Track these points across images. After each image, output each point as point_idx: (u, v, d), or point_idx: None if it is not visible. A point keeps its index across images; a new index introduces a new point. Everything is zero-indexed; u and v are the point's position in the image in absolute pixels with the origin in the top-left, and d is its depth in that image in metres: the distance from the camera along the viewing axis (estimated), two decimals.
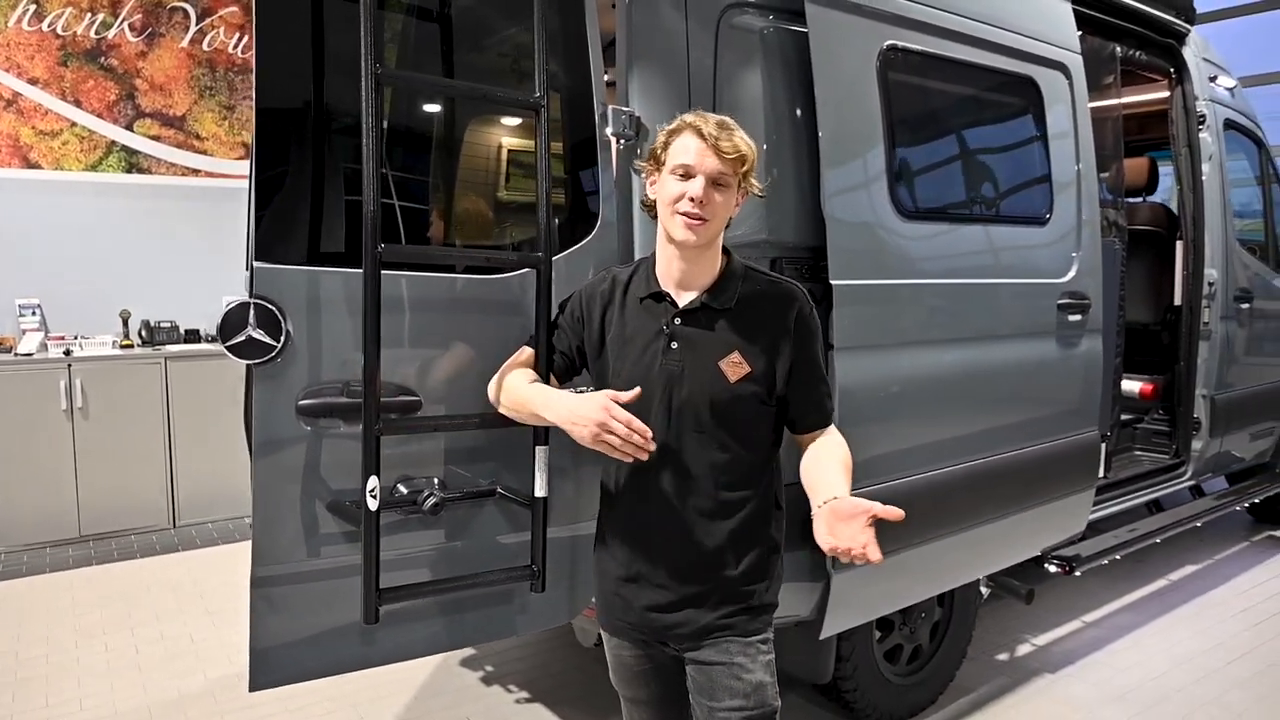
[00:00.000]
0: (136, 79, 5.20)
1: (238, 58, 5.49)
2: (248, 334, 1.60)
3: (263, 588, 1.67)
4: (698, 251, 1.59)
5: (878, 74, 2.45)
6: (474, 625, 1.95)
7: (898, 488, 2.47)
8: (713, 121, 1.53)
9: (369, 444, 1.55)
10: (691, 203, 1.51)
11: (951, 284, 2.62)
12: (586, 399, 1.51)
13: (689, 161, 1.52)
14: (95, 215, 5.14)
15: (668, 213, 1.55)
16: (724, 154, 1.50)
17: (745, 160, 1.53)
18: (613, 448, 1.47)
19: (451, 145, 1.95)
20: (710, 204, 1.52)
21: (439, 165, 1.97)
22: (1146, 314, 4.46)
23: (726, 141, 1.51)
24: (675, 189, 1.53)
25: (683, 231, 1.54)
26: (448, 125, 1.98)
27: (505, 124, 2.03)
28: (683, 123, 1.56)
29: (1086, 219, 3.11)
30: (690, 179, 1.52)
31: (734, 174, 1.53)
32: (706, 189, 1.51)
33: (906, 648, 2.90)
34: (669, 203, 1.54)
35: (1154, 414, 4.40)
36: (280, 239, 1.65)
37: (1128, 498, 3.79)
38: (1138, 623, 3.68)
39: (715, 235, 1.58)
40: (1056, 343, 3.01)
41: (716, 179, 1.52)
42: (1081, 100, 3.14)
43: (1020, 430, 2.88)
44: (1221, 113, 4.17)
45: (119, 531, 4.81)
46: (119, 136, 5.18)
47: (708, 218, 1.52)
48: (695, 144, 1.52)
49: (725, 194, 1.54)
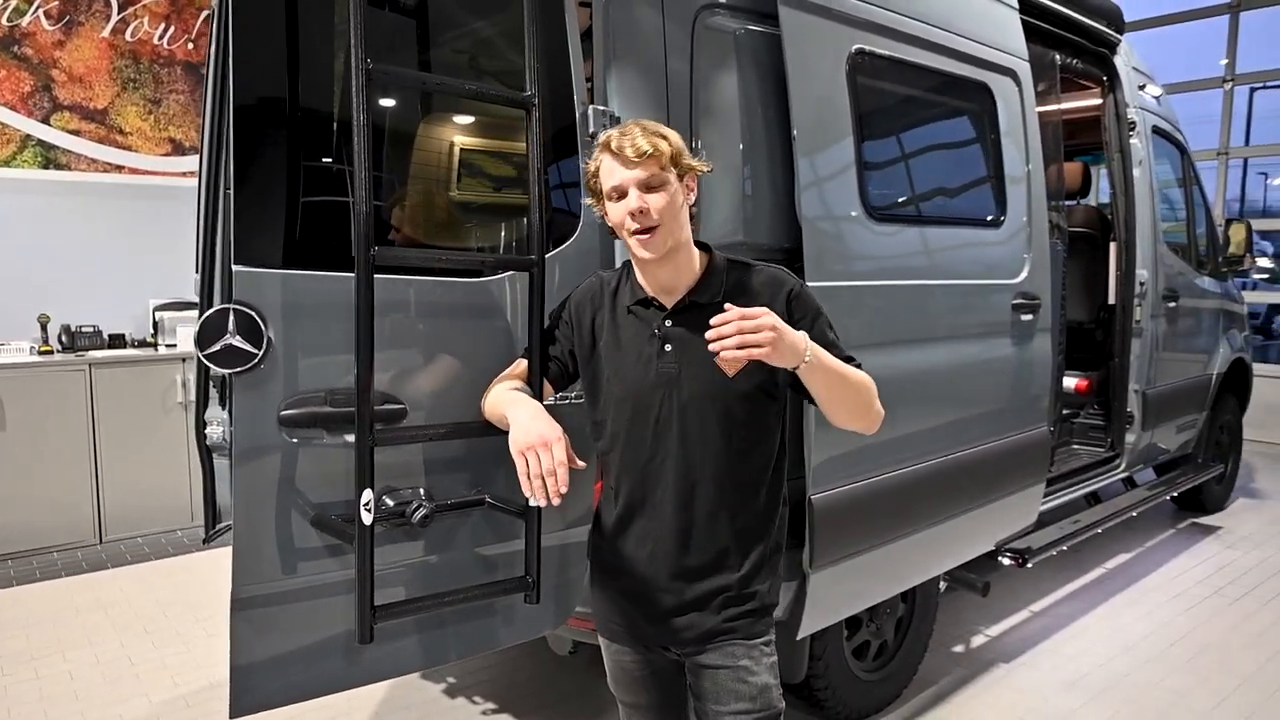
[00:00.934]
0: (53, 70, 4.92)
1: (163, 49, 5.24)
2: (227, 341, 1.52)
3: (245, 609, 1.58)
4: (670, 260, 1.57)
5: (848, 77, 2.48)
6: (459, 639, 1.89)
7: (864, 488, 2.50)
8: (617, 132, 1.52)
9: (363, 456, 1.48)
10: (634, 218, 1.50)
11: (919, 285, 2.67)
12: (549, 422, 1.46)
13: (614, 181, 1.51)
14: (9, 214, 4.85)
15: (623, 236, 1.55)
16: (636, 159, 1.48)
17: (661, 153, 1.50)
18: (526, 474, 1.41)
19: (434, 144, 1.88)
20: (651, 210, 1.49)
21: (420, 165, 1.91)
22: (1082, 313, 4.63)
23: (631, 147, 1.48)
24: (616, 212, 1.53)
25: (640, 250, 1.53)
26: (429, 124, 1.91)
27: (489, 122, 1.97)
28: (599, 146, 1.55)
29: (1036, 221, 3.21)
30: (624, 197, 1.51)
31: (659, 170, 1.50)
32: (640, 197, 1.49)
33: (874, 644, 2.94)
34: (619, 227, 1.54)
35: (1089, 409, 4.57)
36: (260, 241, 1.56)
37: (1070, 490, 3.93)
38: (1081, 610, 3.82)
39: (678, 237, 1.55)
40: (1011, 342, 3.10)
41: (644, 184, 1.50)
42: (1030, 105, 3.24)
43: (979, 428, 2.96)
44: (1150, 119, 4.36)
45: (40, 549, 4.54)
46: (35, 130, 4.89)
47: (656, 223, 1.50)
48: (610, 162, 1.52)
49: (663, 193, 1.51)
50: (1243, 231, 5.19)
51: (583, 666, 3.16)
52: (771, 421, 1.65)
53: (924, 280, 2.69)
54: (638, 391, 1.61)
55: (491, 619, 1.94)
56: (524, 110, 1.65)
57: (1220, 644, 3.49)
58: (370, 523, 1.48)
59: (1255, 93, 13.57)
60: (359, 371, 1.47)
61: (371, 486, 1.48)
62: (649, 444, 1.61)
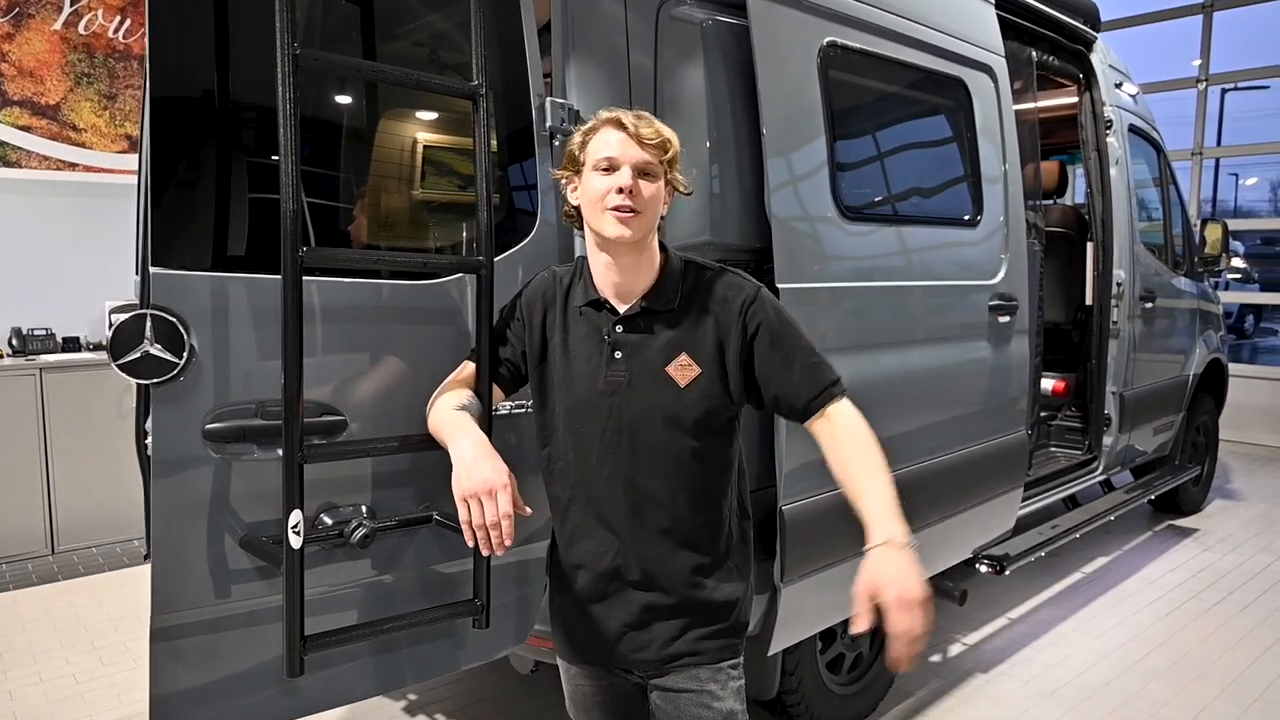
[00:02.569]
0: (2, 63, 4.73)
1: (119, 43, 5.06)
2: (144, 350, 1.40)
3: (166, 640, 1.46)
4: (633, 253, 1.48)
5: (819, 71, 2.39)
6: (412, 663, 1.77)
7: (841, 497, 2.40)
8: (630, 113, 1.46)
9: (291, 473, 1.36)
10: (620, 194, 1.41)
11: (894, 286, 2.58)
12: (494, 464, 1.38)
13: (613, 154, 1.43)
14: None
15: (596, 211, 1.44)
16: (647, 141, 1.43)
17: (668, 147, 1.46)
18: (468, 521, 1.35)
19: (377, 138, 1.77)
20: (640, 195, 1.42)
21: (361, 160, 1.79)
22: (1058, 313, 4.58)
23: (648, 128, 1.43)
24: (601, 184, 1.43)
25: (615, 227, 1.42)
26: (370, 115, 1.80)
27: (438, 115, 1.86)
28: (599, 119, 1.47)
29: (1013, 220, 3.14)
30: (615, 171, 1.43)
31: (659, 162, 1.45)
32: (634, 179, 1.42)
33: (848, 656, 2.85)
34: (596, 200, 1.44)
35: (1066, 411, 4.52)
36: (181, 242, 1.44)
37: (1047, 494, 3.87)
38: (1059, 617, 3.75)
39: (649, 231, 1.48)
40: (989, 344, 3.02)
41: (643, 169, 1.43)
42: (1006, 102, 3.17)
43: (956, 432, 2.88)
44: (1126, 118, 4.31)
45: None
46: None
47: (639, 209, 1.42)
48: (616, 136, 1.44)
49: (653, 184, 1.45)
50: (1219, 231, 5.17)
51: (546, 685, 3.05)
52: (725, 433, 1.56)
53: (899, 281, 2.60)
54: (586, 399, 1.52)
55: (448, 640, 1.82)
56: (470, 101, 1.54)
57: (1199, 651, 3.43)
58: (299, 546, 1.37)
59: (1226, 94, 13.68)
60: (286, 381, 1.35)
61: (301, 507, 1.37)
62: (596, 455, 1.52)
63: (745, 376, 1.52)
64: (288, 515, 1.36)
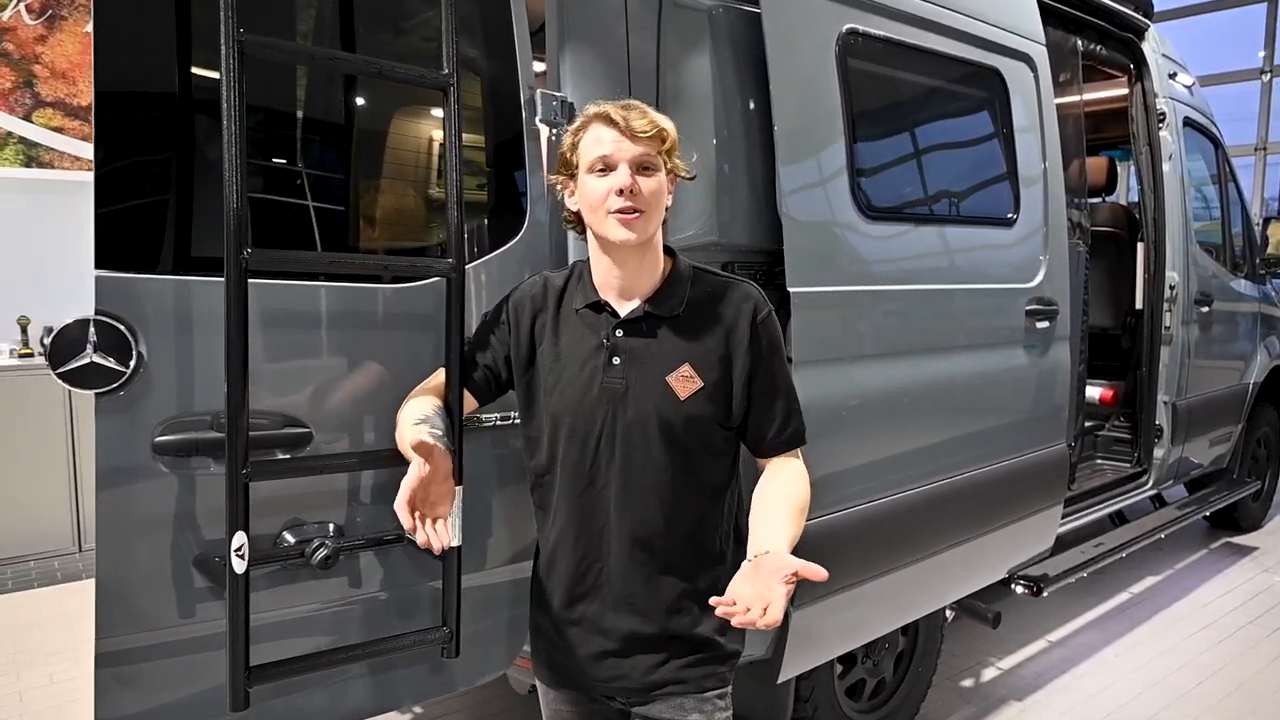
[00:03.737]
0: (35, 65, 4.78)
1: None
2: (88, 359, 1.31)
3: (113, 665, 1.38)
4: (638, 254, 1.39)
5: (837, 60, 2.23)
6: (389, 688, 1.67)
7: (859, 514, 2.26)
8: (619, 105, 1.35)
9: (235, 491, 1.27)
10: (621, 195, 1.31)
11: (918, 290, 2.42)
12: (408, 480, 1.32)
13: (606, 152, 1.33)
14: None
15: (598, 216, 1.35)
16: (641, 134, 1.33)
17: (665, 137, 1.36)
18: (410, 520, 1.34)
19: (350, 133, 1.67)
20: (641, 192, 1.32)
21: (341, 156, 1.70)
22: (1106, 318, 4.34)
23: (640, 120, 1.33)
24: (599, 187, 1.34)
25: (620, 231, 1.33)
26: (340, 108, 1.70)
27: (420, 107, 1.76)
28: (587, 116, 1.37)
29: (1053, 220, 2.94)
30: (612, 171, 1.33)
31: (657, 154, 1.35)
32: (634, 176, 1.32)
33: (870, 682, 2.69)
34: (596, 205, 1.35)
35: (1114, 421, 4.28)
36: (129, 242, 1.36)
37: (1092, 510, 3.66)
38: (1103, 641, 3.53)
39: (655, 230, 1.39)
40: (1024, 352, 2.83)
41: (641, 164, 1.34)
42: (1047, 94, 2.98)
43: (988, 446, 2.70)
44: (1181, 110, 4.06)
45: (18, 558, 4.39)
46: (15, 127, 4.74)
47: (643, 208, 1.33)
48: (608, 133, 1.34)
49: (654, 179, 1.35)
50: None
51: None
52: (722, 448, 1.46)
53: (923, 285, 2.44)
54: (578, 407, 1.42)
55: (427, 664, 1.72)
56: (440, 93, 1.43)
57: (1256, 681, 3.19)
58: (244, 570, 1.27)
59: None
60: (230, 392, 1.26)
61: (245, 528, 1.27)
62: (588, 468, 1.43)
63: (748, 393, 1.44)
64: (230, 536, 1.26)
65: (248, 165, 1.25)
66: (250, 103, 1.28)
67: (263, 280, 1.44)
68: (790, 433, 1.47)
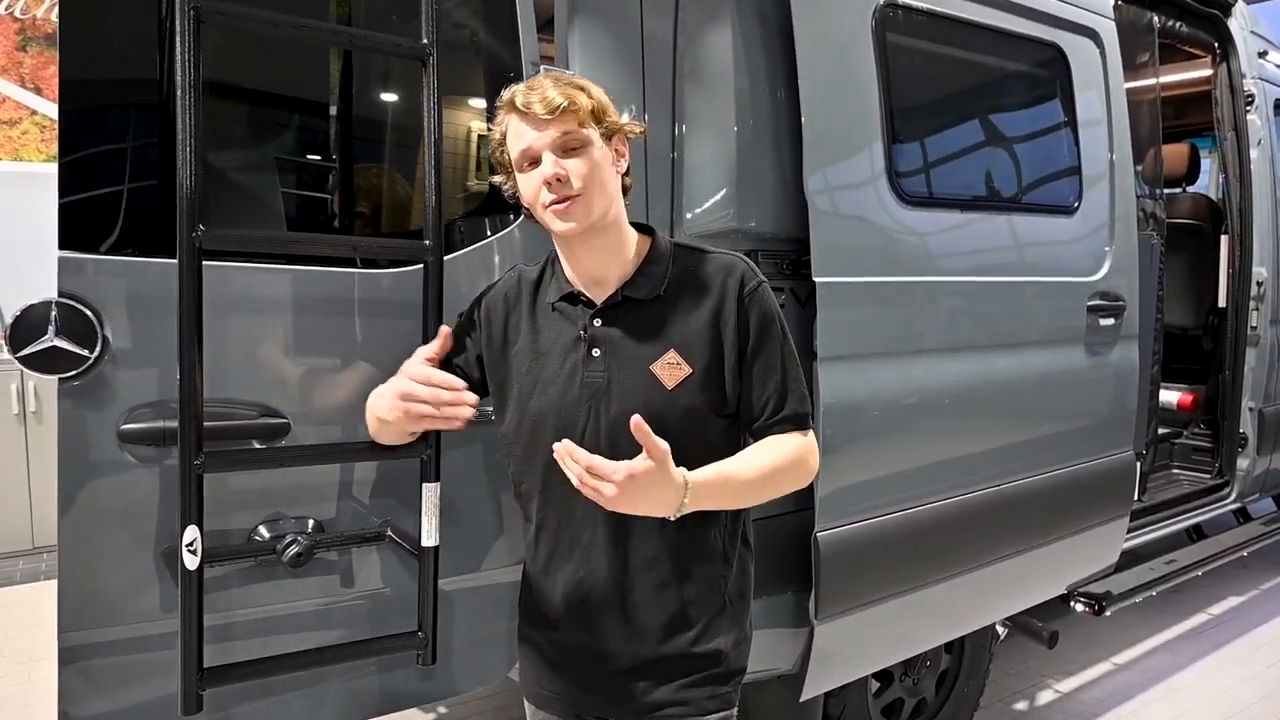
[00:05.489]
0: None
1: None
2: (50, 343, 1.27)
3: (77, 660, 1.33)
4: (598, 238, 1.28)
5: (873, 36, 2.08)
6: (374, 692, 1.60)
7: (898, 521, 2.10)
8: (523, 87, 1.25)
9: (188, 484, 1.20)
10: (550, 187, 1.22)
11: (960, 282, 2.24)
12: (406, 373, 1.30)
13: (524, 145, 1.23)
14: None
15: (539, 213, 1.27)
16: (546, 114, 1.21)
17: (579, 107, 1.22)
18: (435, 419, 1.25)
19: (335, 110, 1.60)
20: (569, 177, 1.22)
21: (331, 136, 1.63)
22: (1186, 317, 4.06)
23: (541, 101, 1.21)
24: (531, 182, 1.25)
25: (559, 222, 1.24)
26: (342, 81, 1.63)
27: (403, 82, 1.68)
28: (503, 107, 1.27)
29: (1121, 209, 2.72)
30: (536, 163, 1.23)
31: (578, 128, 1.22)
32: (557, 162, 1.21)
33: (908, 702, 2.52)
34: (533, 202, 1.26)
35: (1194, 428, 3.99)
36: (95, 221, 1.31)
37: (1165, 523, 3.39)
38: (1175, 666, 3.27)
39: (605, 209, 1.27)
40: (1085, 350, 2.62)
41: (563, 145, 1.22)
42: (1115, 73, 2.75)
43: (1043, 452, 2.50)
44: (1272, 92, 3.75)
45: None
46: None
47: (575, 193, 1.22)
48: (518, 123, 1.24)
49: (585, 155, 1.23)
50: None
51: None
52: (720, 441, 1.33)
53: (967, 277, 2.26)
54: (559, 407, 1.31)
55: (416, 668, 1.64)
56: (419, 63, 1.35)
57: None
58: (196, 567, 1.21)
59: None
60: (182, 379, 1.20)
61: (199, 522, 1.21)
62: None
63: (739, 373, 1.31)
64: (183, 531, 1.20)
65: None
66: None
67: (243, 264, 1.39)
68: (786, 412, 1.31)
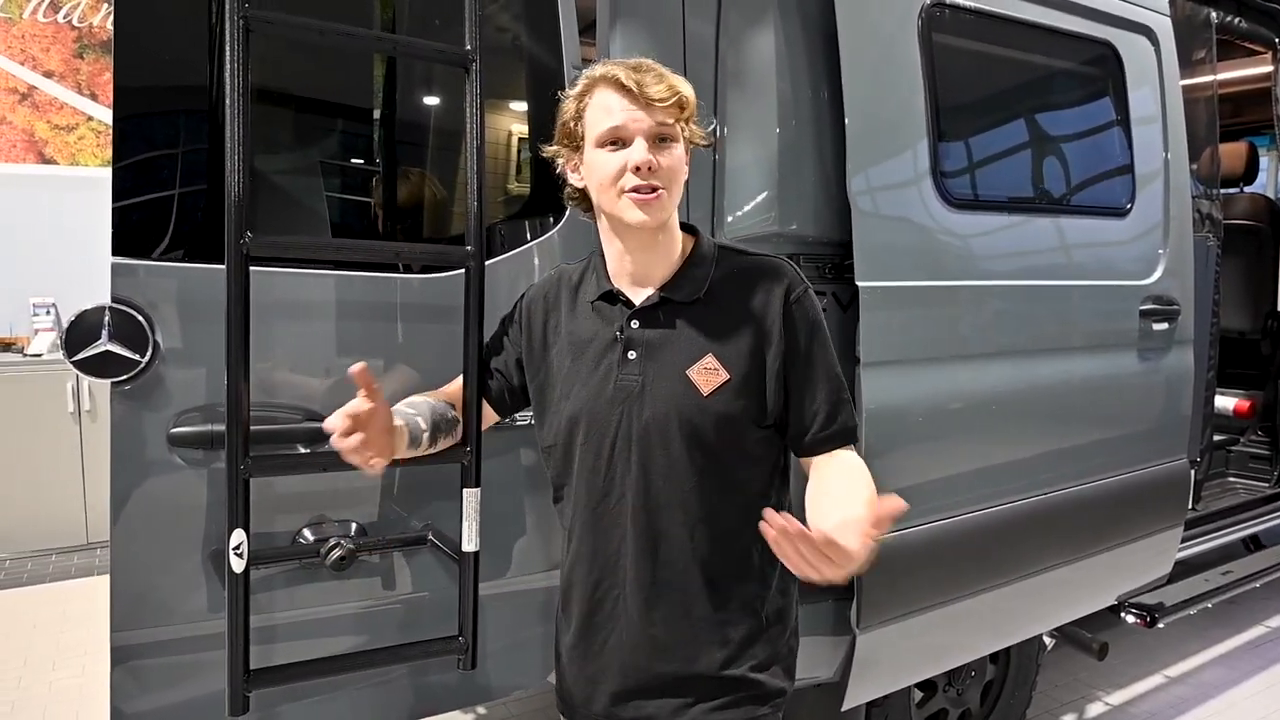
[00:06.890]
0: None
1: None
2: (103, 347, 1.29)
3: (129, 659, 1.36)
4: (654, 236, 1.25)
5: (919, 36, 2.05)
6: (415, 695, 1.61)
7: (942, 529, 2.06)
8: (629, 66, 1.20)
9: (235, 487, 1.22)
10: (638, 173, 1.17)
11: (1009, 286, 2.19)
12: None
13: (617, 123, 1.18)
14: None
15: (610, 195, 1.21)
16: (659, 101, 1.17)
17: (685, 103, 1.20)
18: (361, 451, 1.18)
19: (381, 115, 1.62)
20: (661, 169, 1.18)
21: (375, 141, 1.65)
22: (1243, 320, 3.93)
23: (656, 85, 1.17)
24: (611, 163, 1.19)
25: (636, 212, 1.19)
26: (387, 89, 1.65)
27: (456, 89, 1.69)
28: (591, 79, 1.22)
29: (1175, 210, 2.64)
30: (625, 145, 1.18)
31: (676, 123, 1.20)
32: (651, 151, 1.17)
33: (953, 712, 2.48)
34: (607, 184, 1.20)
35: (1251, 434, 3.86)
36: (148, 228, 1.33)
37: (1221, 533, 3.29)
38: (1231, 680, 3.17)
39: (674, 208, 1.25)
40: (1138, 356, 2.55)
41: (659, 135, 1.18)
42: (1171, 71, 2.67)
43: (1092, 460, 2.44)
44: None
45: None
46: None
47: (662, 186, 1.19)
48: (618, 100, 1.18)
49: (673, 151, 1.20)
50: None
51: None
52: (758, 452, 1.29)
53: (1015, 280, 2.21)
54: (592, 409, 1.28)
55: (457, 671, 1.65)
56: (462, 69, 1.35)
57: None
58: (243, 569, 1.22)
59: None
60: (230, 384, 1.21)
61: (245, 525, 1.23)
62: (602, 478, 1.28)
63: (783, 383, 1.27)
64: (230, 533, 1.21)
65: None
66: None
67: (289, 270, 1.41)
68: (837, 427, 1.28)
